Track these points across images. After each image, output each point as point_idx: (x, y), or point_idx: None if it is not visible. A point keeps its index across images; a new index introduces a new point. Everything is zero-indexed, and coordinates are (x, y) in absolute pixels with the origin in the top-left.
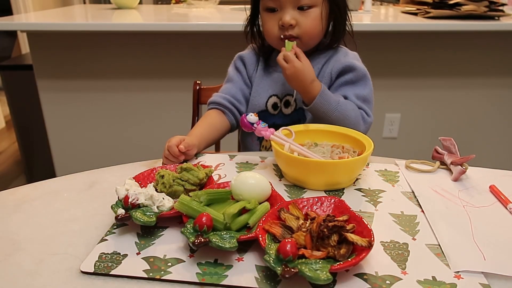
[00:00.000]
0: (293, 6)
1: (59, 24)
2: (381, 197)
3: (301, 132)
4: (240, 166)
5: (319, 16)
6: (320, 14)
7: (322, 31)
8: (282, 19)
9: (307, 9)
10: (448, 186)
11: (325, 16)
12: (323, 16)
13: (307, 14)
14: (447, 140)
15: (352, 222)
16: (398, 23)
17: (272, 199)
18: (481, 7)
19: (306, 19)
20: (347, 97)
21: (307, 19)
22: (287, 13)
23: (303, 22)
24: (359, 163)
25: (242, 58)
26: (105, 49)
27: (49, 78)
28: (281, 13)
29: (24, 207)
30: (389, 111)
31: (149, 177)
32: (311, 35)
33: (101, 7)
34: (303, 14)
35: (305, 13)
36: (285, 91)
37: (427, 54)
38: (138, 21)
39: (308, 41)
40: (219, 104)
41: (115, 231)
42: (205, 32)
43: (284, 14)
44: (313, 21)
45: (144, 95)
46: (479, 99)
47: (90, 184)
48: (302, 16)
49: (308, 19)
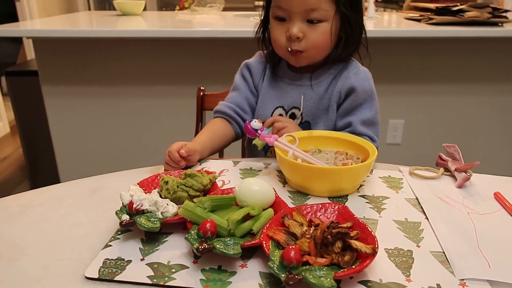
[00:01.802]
0: (302, 19)
1: (64, 31)
2: (385, 204)
3: (305, 138)
4: (244, 172)
5: (328, 31)
6: (330, 29)
7: (330, 46)
8: (289, 30)
9: (317, 22)
10: (452, 193)
11: (334, 32)
12: (333, 32)
13: (316, 28)
14: (451, 146)
15: (356, 229)
16: (401, 29)
17: (276, 205)
18: (485, 14)
19: (314, 33)
20: (352, 124)
21: (315, 33)
22: (295, 25)
23: (311, 35)
24: (363, 169)
25: (249, 66)
26: (109, 55)
27: (54, 84)
28: (290, 24)
29: (28, 213)
30: (393, 117)
31: (153, 183)
32: (317, 50)
33: (106, 14)
34: (311, 27)
35: (314, 26)
36: (292, 103)
37: (431, 60)
38: (142, 28)
39: (314, 55)
40: (224, 113)
41: (120, 237)
42: (209, 38)
43: (292, 26)
44: (321, 36)
45: (148, 101)
46: (483, 105)
47: (95, 190)
48: (311, 29)
49: (316, 33)
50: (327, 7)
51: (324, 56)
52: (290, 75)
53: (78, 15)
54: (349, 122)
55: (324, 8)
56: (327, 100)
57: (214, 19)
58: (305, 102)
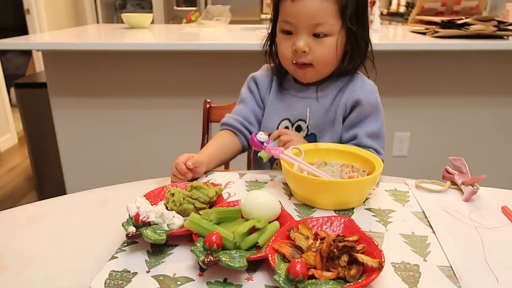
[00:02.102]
0: (308, 33)
1: (74, 44)
2: (391, 217)
3: (310, 151)
4: (250, 184)
5: (334, 45)
6: (336, 43)
7: (336, 60)
8: (295, 44)
9: (323, 36)
10: (459, 206)
11: (340, 46)
12: (339, 46)
13: (322, 42)
14: (457, 160)
15: (362, 243)
16: (407, 42)
17: (281, 218)
18: (490, 27)
19: (320, 47)
20: (357, 137)
21: (321, 47)
22: (301, 38)
23: (317, 49)
24: (369, 182)
25: (255, 79)
26: (117, 68)
27: (62, 96)
28: (296, 37)
29: (35, 224)
30: (399, 130)
31: (159, 194)
32: (324, 63)
33: (114, 27)
34: (317, 41)
35: (320, 40)
36: (298, 115)
37: (437, 73)
38: (150, 41)
39: (320, 69)
40: (230, 126)
41: (126, 248)
42: (216, 51)
43: (298, 40)
44: (327, 50)
45: (155, 113)
46: (489, 118)
47: (101, 201)
48: (316, 43)
49: (322, 47)
50: (333, 21)
51: (330, 70)
52: (296, 87)
53: (87, 28)
54: (354, 134)
55: (330, 22)
56: (333, 112)
57: (220, 32)
58: (311, 115)
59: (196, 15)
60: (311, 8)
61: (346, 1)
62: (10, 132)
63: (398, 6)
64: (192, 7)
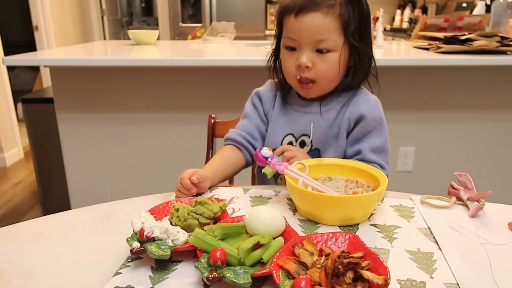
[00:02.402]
0: (312, 48)
1: (81, 60)
2: (397, 233)
3: (315, 166)
4: (254, 200)
5: (337, 61)
6: (339, 59)
7: (339, 75)
8: (298, 59)
9: (326, 52)
10: (465, 222)
11: (343, 62)
12: (342, 62)
13: (325, 58)
14: (462, 175)
15: (368, 259)
16: (411, 58)
17: (286, 234)
18: (493, 43)
19: (323, 62)
20: (361, 152)
21: (324, 63)
22: (305, 54)
23: (320, 65)
24: (374, 198)
25: (259, 95)
26: (123, 83)
27: (69, 111)
28: (299, 53)
29: (40, 239)
30: (403, 145)
31: (164, 210)
32: (327, 79)
33: (121, 43)
34: (320, 56)
35: (323, 56)
36: (301, 131)
37: (441, 88)
38: (156, 57)
39: (323, 85)
40: (234, 141)
41: (130, 264)
42: (220, 67)
43: (301, 55)
44: (330, 65)
45: (160, 128)
46: (493, 133)
47: (106, 217)
48: (320, 58)
49: (325, 63)
50: (335, 37)
51: (334, 86)
52: (300, 102)
53: (94, 45)
54: (358, 149)
55: (333, 38)
56: (336, 127)
57: (225, 48)
58: (314, 130)
59: (201, 31)
60: (313, 25)
61: (349, 18)
62: (16, 146)
63: (401, 22)
64: (197, 23)
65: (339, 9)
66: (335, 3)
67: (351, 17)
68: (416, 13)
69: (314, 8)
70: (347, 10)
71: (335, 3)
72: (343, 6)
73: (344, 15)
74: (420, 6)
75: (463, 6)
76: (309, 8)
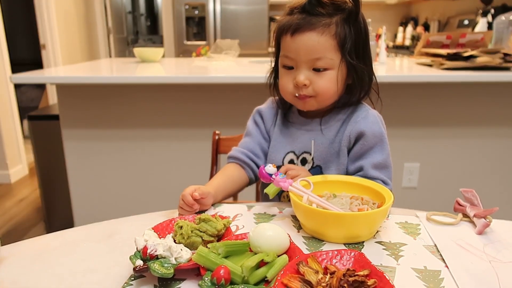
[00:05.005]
0: (309, 67)
1: (87, 77)
2: (403, 251)
3: (319, 183)
4: (258, 217)
5: (334, 78)
6: (336, 76)
7: (337, 92)
8: (296, 78)
9: (323, 70)
10: (472, 239)
11: (341, 79)
12: (339, 79)
13: (322, 76)
14: (468, 191)
15: (373, 277)
16: (414, 74)
17: (290, 251)
18: (496, 59)
19: (320, 80)
20: (363, 168)
21: (322, 80)
22: (302, 73)
23: (317, 82)
24: (379, 215)
25: (261, 113)
26: (128, 101)
27: (74, 128)
28: (297, 72)
29: (43, 257)
30: (408, 161)
31: (167, 227)
32: (325, 96)
33: (126, 61)
34: (318, 75)
35: (320, 74)
36: (302, 148)
37: (444, 104)
38: (161, 74)
39: (322, 101)
40: (237, 159)
41: (133, 282)
42: (225, 84)
43: (298, 74)
44: (328, 83)
45: (164, 145)
46: (499, 148)
47: (109, 234)
48: (317, 76)
49: (323, 80)
50: (332, 56)
51: (332, 102)
52: (301, 120)
53: (100, 62)
54: (360, 166)
55: (329, 57)
56: (337, 144)
57: (229, 65)
58: (315, 147)
59: (206, 49)
60: (309, 44)
61: (345, 36)
62: (21, 163)
63: (404, 39)
64: (202, 41)
65: (335, 28)
66: (331, 22)
67: (348, 36)
68: (418, 30)
69: (310, 27)
70: (343, 29)
71: (331, 22)
72: (339, 25)
73: (340, 34)
74: (422, 24)
75: (465, 23)
76: (305, 28)
